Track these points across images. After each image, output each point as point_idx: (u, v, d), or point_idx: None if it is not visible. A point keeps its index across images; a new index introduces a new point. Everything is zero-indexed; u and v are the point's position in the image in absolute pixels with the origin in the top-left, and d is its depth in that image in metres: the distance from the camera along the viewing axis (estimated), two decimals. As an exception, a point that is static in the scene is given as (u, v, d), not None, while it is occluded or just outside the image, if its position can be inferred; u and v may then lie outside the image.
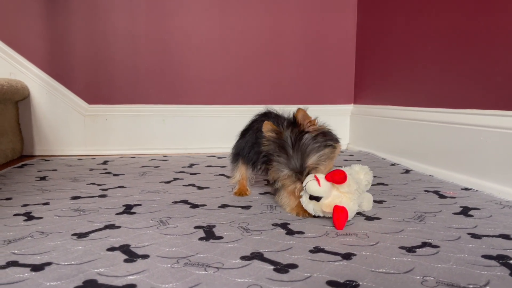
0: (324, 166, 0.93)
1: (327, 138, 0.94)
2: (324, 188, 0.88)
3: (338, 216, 0.85)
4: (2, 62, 1.85)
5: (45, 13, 1.89)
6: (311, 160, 0.91)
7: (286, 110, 1.11)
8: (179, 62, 2.02)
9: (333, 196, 0.88)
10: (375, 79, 1.96)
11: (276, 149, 0.93)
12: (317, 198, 0.88)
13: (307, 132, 0.93)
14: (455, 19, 1.35)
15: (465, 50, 1.31)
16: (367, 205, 0.98)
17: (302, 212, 0.94)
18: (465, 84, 1.31)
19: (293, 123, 0.95)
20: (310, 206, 0.90)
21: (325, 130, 0.96)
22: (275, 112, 1.15)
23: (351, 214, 0.88)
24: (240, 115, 2.00)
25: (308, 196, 0.90)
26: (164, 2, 1.96)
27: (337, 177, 0.87)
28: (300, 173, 0.92)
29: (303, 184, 0.90)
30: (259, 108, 1.19)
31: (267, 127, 0.95)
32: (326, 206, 0.88)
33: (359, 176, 0.97)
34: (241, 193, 1.15)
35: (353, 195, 0.89)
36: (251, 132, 1.15)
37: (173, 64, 2.01)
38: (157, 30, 1.98)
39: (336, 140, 0.96)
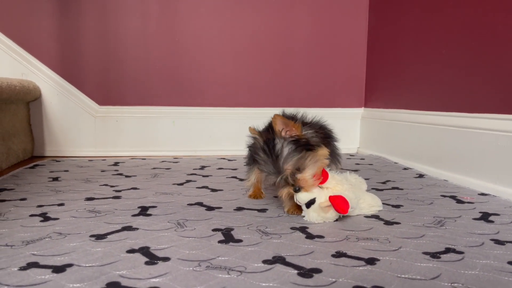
0: (308, 168, 0.90)
1: (304, 143, 0.91)
2: (313, 191, 0.90)
3: (337, 202, 0.87)
4: (14, 63, 1.85)
5: (56, 14, 1.89)
6: (286, 165, 0.89)
7: (308, 112, 1.09)
8: (190, 64, 2.01)
9: (326, 194, 0.90)
10: (387, 83, 1.95)
11: (257, 153, 0.94)
12: (312, 201, 0.89)
13: (283, 138, 0.91)
14: (471, 22, 1.34)
15: (481, 53, 1.29)
16: (373, 201, 0.98)
17: (293, 210, 0.97)
18: (480, 87, 1.30)
19: (270, 129, 0.94)
20: (313, 215, 0.91)
21: (303, 137, 0.92)
22: (290, 114, 1.14)
23: (351, 201, 0.89)
24: (250, 118, 2.01)
25: (305, 207, 0.91)
26: (175, 4, 1.96)
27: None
28: (280, 175, 0.90)
29: (295, 199, 0.93)
30: (270, 111, 1.18)
31: (250, 131, 0.98)
32: (324, 203, 0.89)
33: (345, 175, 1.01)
34: (256, 195, 1.14)
35: (342, 185, 0.91)
36: None
37: (184, 66, 2.01)
38: (168, 31, 1.98)
39: (318, 144, 0.93)
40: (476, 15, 1.32)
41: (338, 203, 0.87)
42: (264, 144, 0.92)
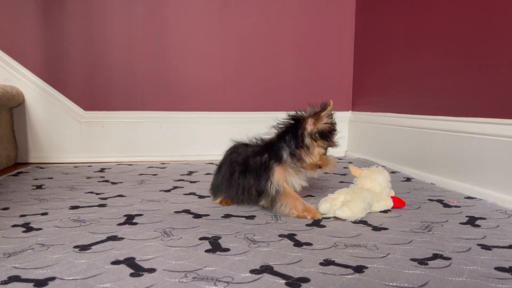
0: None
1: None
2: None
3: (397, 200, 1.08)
4: (-4, 68, 1.82)
5: (41, 19, 1.86)
6: None
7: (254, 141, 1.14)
8: (176, 68, 2.00)
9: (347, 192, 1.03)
10: (374, 86, 1.96)
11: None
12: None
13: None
14: (457, 27, 1.36)
15: (467, 58, 1.31)
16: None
17: (311, 213, 0.99)
18: (467, 92, 1.31)
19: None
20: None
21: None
22: (246, 142, 1.17)
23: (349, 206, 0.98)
24: (238, 122, 2.00)
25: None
26: (162, 8, 1.95)
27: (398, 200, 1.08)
28: None
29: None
30: (258, 115, 1.18)
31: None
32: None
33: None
34: (227, 202, 1.12)
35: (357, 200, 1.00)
36: (225, 166, 1.13)
37: (170, 70, 2.00)
38: (155, 35, 1.96)
39: None
40: (462, 21, 1.33)
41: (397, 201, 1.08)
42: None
